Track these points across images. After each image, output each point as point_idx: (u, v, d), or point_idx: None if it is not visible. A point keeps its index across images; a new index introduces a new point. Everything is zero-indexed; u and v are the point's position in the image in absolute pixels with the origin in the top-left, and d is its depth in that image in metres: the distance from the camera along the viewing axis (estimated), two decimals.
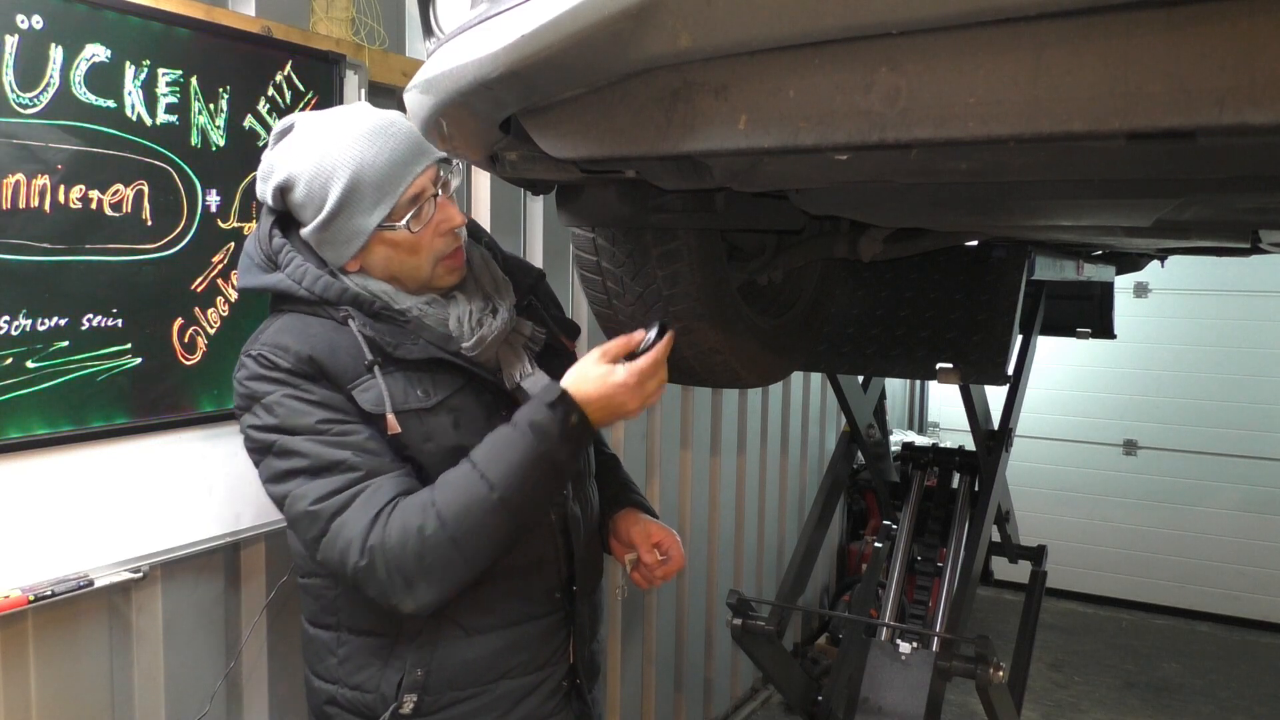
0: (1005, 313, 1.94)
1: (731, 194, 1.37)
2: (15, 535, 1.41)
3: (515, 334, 1.43)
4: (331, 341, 1.30)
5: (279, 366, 1.27)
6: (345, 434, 1.26)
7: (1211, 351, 4.91)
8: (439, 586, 1.24)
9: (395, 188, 1.30)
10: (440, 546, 1.21)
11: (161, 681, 1.64)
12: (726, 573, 3.69)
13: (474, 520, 1.22)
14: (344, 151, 1.28)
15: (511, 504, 1.24)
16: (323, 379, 1.28)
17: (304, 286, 1.31)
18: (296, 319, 1.33)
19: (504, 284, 1.46)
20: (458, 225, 1.36)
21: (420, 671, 1.33)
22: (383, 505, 1.23)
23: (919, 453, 2.99)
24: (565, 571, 1.44)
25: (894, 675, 2.07)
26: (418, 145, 1.32)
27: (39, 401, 1.41)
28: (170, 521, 1.61)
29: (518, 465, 1.24)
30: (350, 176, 1.28)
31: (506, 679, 1.38)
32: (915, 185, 1.10)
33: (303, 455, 1.25)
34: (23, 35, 1.35)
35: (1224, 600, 4.95)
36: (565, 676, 1.46)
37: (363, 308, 1.32)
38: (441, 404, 1.33)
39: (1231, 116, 0.58)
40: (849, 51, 0.69)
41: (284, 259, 1.33)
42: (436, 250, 1.35)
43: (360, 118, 1.32)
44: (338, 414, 1.27)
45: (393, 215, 1.30)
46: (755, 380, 1.80)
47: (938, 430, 5.78)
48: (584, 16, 0.72)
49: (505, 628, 1.38)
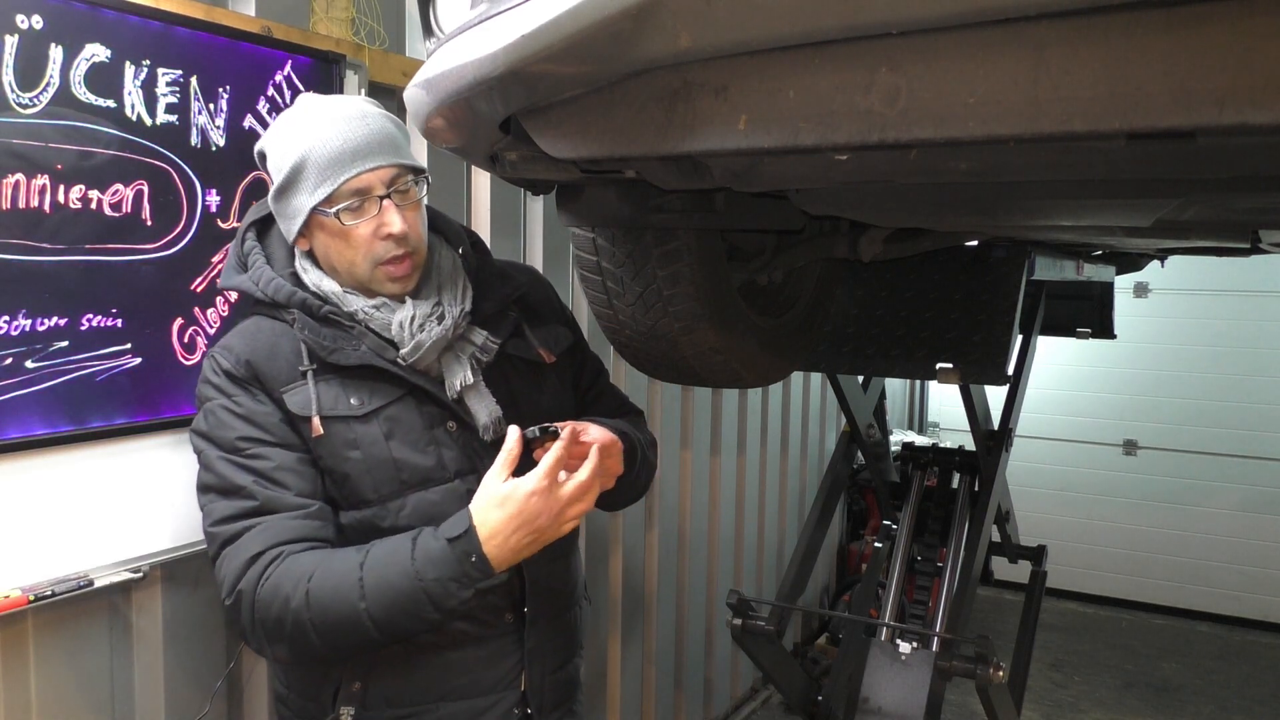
0: (1005, 313, 1.94)
1: (731, 194, 1.37)
2: (15, 535, 1.41)
3: (463, 341, 1.36)
4: (274, 345, 1.31)
5: (220, 369, 1.30)
6: (255, 458, 1.25)
7: (1211, 351, 4.91)
8: (295, 654, 1.24)
9: (338, 174, 1.27)
10: (300, 625, 1.19)
11: (161, 681, 1.64)
12: (726, 573, 3.69)
13: (336, 618, 1.19)
14: (306, 129, 1.29)
15: (378, 622, 1.19)
16: (255, 385, 1.29)
17: (260, 288, 1.33)
18: (255, 322, 1.35)
19: (464, 290, 1.40)
20: (396, 232, 1.29)
21: (357, 685, 1.31)
22: (265, 547, 1.21)
23: (919, 453, 2.99)
24: (516, 592, 1.38)
25: (894, 675, 2.07)
26: (380, 142, 1.29)
27: (39, 401, 1.41)
28: (170, 521, 1.61)
29: (392, 589, 1.18)
30: (302, 153, 1.28)
31: (447, 701, 1.34)
32: (915, 185, 1.10)
33: (215, 474, 1.26)
34: (23, 35, 1.35)
35: (1224, 600, 4.95)
36: (516, 704, 1.39)
37: (310, 312, 1.31)
38: (375, 413, 1.30)
39: (1231, 116, 0.58)
40: (849, 52, 0.69)
41: (250, 261, 1.36)
42: (375, 253, 1.30)
43: (338, 104, 1.32)
44: (258, 431, 1.27)
45: (330, 201, 1.27)
46: (755, 380, 1.80)
47: (938, 430, 5.78)
48: (584, 16, 0.72)
49: (447, 648, 1.33)
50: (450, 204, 2.18)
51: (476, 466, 1.34)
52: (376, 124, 1.30)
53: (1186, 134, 0.61)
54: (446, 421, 1.34)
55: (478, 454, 1.35)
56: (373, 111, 1.32)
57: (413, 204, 1.33)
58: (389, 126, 1.32)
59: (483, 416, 1.35)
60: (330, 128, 1.28)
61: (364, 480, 1.29)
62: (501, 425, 1.34)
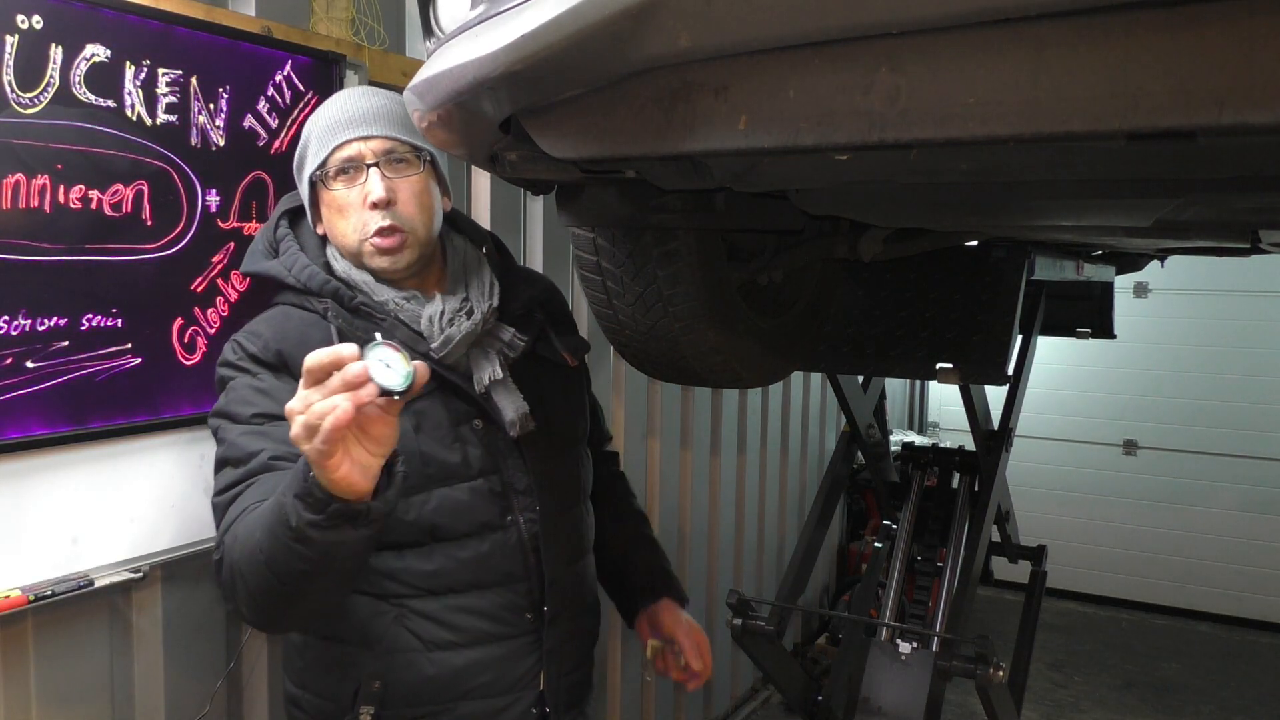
0: (1005, 313, 1.94)
1: (731, 194, 1.37)
2: (15, 535, 1.41)
3: (491, 338, 1.37)
4: (304, 335, 1.30)
5: (246, 351, 1.30)
6: (276, 427, 1.21)
7: (1211, 351, 4.91)
8: (243, 612, 1.17)
9: (330, 141, 1.32)
10: (233, 575, 1.13)
11: (161, 681, 1.64)
12: (726, 573, 3.69)
13: (247, 566, 1.10)
14: (319, 110, 1.39)
15: (270, 560, 1.07)
16: (284, 371, 1.28)
17: (292, 274, 1.34)
18: (281, 311, 1.36)
19: (490, 287, 1.41)
20: (377, 199, 1.29)
21: (377, 684, 1.30)
22: (253, 501, 1.15)
23: (919, 453, 2.99)
24: (536, 592, 1.38)
25: (894, 675, 2.07)
26: (377, 114, 1.33)
27: (39, 401, 1.41)
28: (170, 521, 1.61)
29: (266, 520, 1.08)
30: (309, 127, 1.37)
31: (467, 700, 1.33)
32: (915, 185, 1.10)
33: (231, 444, 1.24)
34: (23, 35, 1.35)
35: (1224, 600, 4.94)
36: (534, 704, 1.39)
37: (342, 301, 1.32)
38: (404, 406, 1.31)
39: (1231, 116, 0.58)
40: (849, 52, 0.69)
41: (283, 247, 1.38)
42: (362, 222, 1.31)
43: (353, 88, 1.39)
44: (279, 408, 1.10)
45: (324, 168, 1.33)
46: (755, 380, 1.80)
47: (938, 430, 5.77)
48: (584, 16, 0.72)
49: (467, 646, 1.33)
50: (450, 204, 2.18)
51: (499, 465, 1.35)
52: (379, 100, 1.35)
53: (1186, 134, 0.61)
54: (473, 419, 1.35)
55: (501, 453, 1.36)
56: (381, 91, 1.39)
57: (407, 178, 1.34)
58: (390, 104, 1.35)
59: (509, 412, 1.35)
60: (335, 102, 1.37)
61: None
62: (528, 422, 1.35)
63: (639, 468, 3.05)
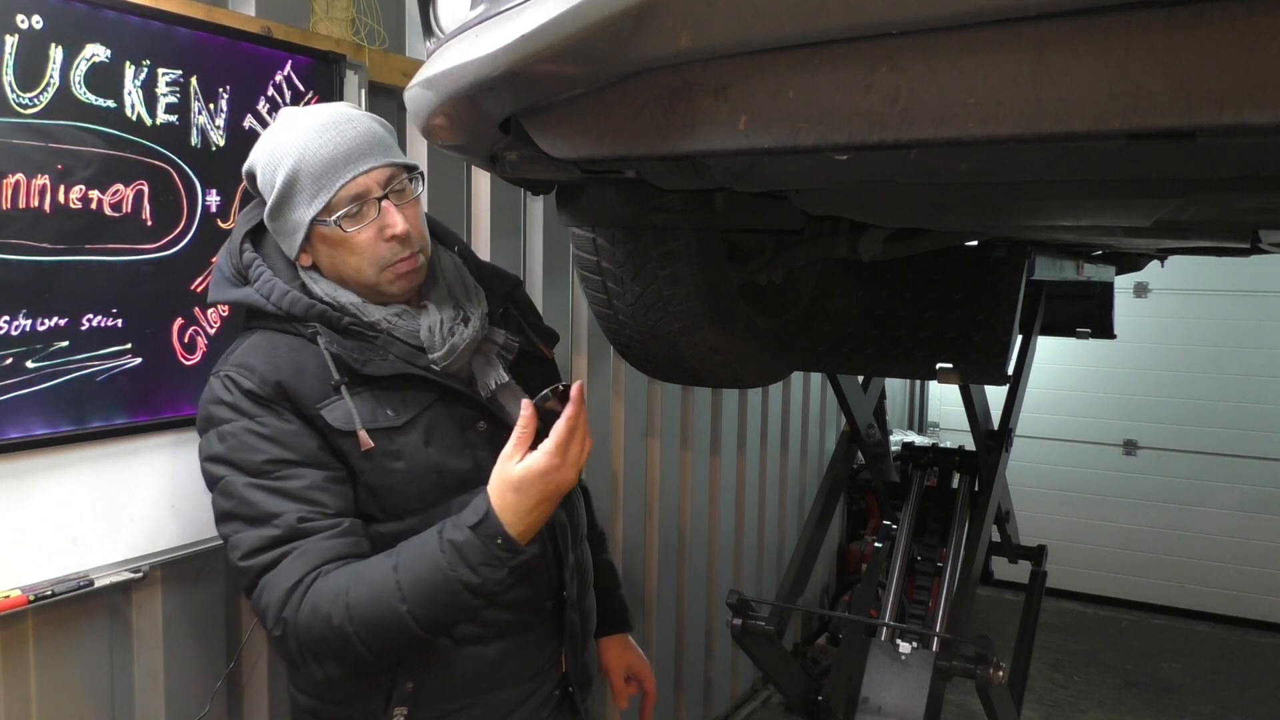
0: (1005, 313, 1.94)
1: (731, 194, 1.37)
2: (15, 535, 1.41)
3: (488, 342, 1.39)
4: (298, 362, 1.27)
5: (239, 388, 1.25)
6: (286, 479, 1.22)
7: (1211, 351, 4.91)
8: (346, 667, 1.23)
9: (333, 182, 1.26)
10: (345, 640, 1.19)
11: (161, 681, 1.64)
12: (726, 573, 3.69)
13: (380, 626, 1.19)
14: (292, 141, 1.27)
15: (420, 620, 1.19)
16: (283, 404, 1.25)
17: (271, 302, 1.29)
18: (265, 337, 1.31)
19: (476, 291, 1.42)
20: (399, 232, 1.28)
21: (410, 685, 1.31)
22: (305, 573, 1.19)
23: (919, 453, 2.99)
24: (555, 579, 1.42)
25: (894, 675, 2.07)
26: (370, 144, 1.28)
27: (39, 401, 1.41)
28: (170, 521, 1.61)
29: (428, 585, 1.18)
30: (292, 166, 1.26)
31: (497, 690, 1.36)
32: (915, 185, 1.10)
33: (242, 500, 1.22)
34: (23, 35, 1.35)
35: (1224, 600, 4.94)
36: (557, 685, 1.44)
37: (331, 324, 1.29)
38: (412, 421, 1.30)
39: (1231, 116, 0.58)
40: (849, 52, 0.69)
41: (254, 273, 1.32)
42: (380, 256, 1.29)
43: (321, 111, 1.30)
44: (286, 452, 1.23)
45: (329, 210, 1.26)
46: (755, 380, 1.80)
47: (938, 430, 5.77)
48: (584, 17, 0.72)
49: (496, 638, 1.35)
50: (450, 204, 2.18)
51: None
52: (363, 126, 1.29)
53: (1186, 134, 0.61)
54: (477, 423, 1.36)
55: None
56: (356, 114, 1.31)
57: (410, 202, 1.33)
58: (375, 127, 1.31)
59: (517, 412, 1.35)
60: (317, 136, 1.27)
61: (409, 489, 1.29)
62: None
63: (639, 468, 3.05)
